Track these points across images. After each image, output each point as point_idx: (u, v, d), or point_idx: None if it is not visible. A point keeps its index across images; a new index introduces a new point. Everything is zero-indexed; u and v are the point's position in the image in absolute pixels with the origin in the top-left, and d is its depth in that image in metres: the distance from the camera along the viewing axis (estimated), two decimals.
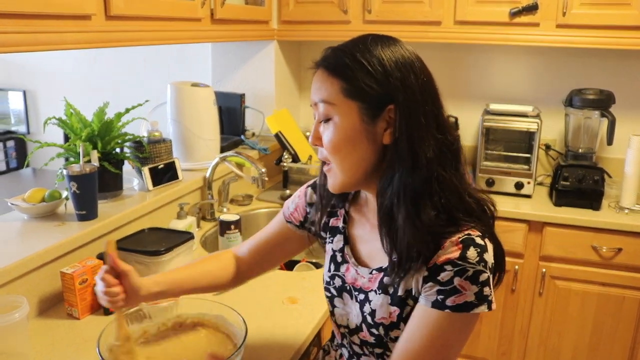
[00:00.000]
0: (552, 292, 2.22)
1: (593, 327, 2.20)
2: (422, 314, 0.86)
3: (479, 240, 0.85)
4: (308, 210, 1.11)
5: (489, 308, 0.84)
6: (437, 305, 0.84)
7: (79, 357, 1.19)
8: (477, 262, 0.83)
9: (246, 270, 1.19)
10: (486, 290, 0.83)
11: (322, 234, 1.09)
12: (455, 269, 0.83)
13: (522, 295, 2.26)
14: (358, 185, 0.94)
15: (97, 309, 1.38)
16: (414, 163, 0.85)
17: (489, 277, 0.84)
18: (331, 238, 1.06)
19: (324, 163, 0.95)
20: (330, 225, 1.07)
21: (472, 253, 0.83)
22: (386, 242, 0.89)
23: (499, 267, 0.89)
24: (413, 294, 0.89)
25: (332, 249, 1.06)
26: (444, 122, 0.89)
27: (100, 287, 0.96)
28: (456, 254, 0.83)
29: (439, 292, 0.84)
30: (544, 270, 2.19)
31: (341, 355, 1.10)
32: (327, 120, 0.90)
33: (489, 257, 0.85)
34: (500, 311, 2.31)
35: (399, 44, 0.89)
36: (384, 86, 0.85)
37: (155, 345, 1.09)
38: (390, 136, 0.87)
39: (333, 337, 1.15)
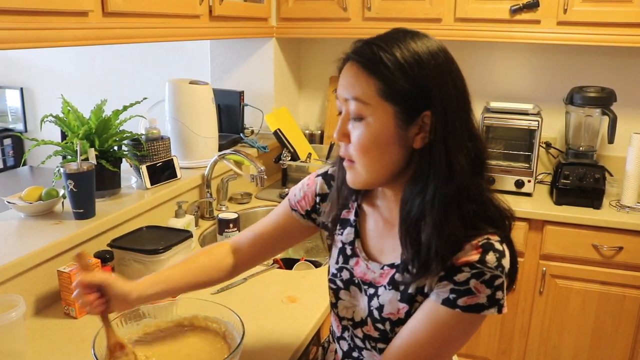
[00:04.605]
0: (553, 290, 2.21)
1: (593, 326, 2.19)
2: (431, 309, 0.87)
3: (498, 246, 0.85)
4: (317, 200, 1.09)
5: (499, 312, 0.84)
6: (448, 303, 0.85)
7: (76, 356, 1.18)
8: (495, 267, 0.83)
9: (245, 262, 1.16)
10: (499, 294, 0.84)
11: (329, 225, 1.07)
12: (473, 271, 0.83)
13: (523, 294, 2.26)
14: (380, 185, 0.93)
15: None
16: (449, 172, 0.83)
17: (503, 281, 0.84)
18: (341, 230, 1.05)
19: (343, 158, 0.92)
20: (341, 217, 1.06)
21: (491, 257, 0.83)
22: (409, 248, 0.87)
23: (511, 274, 0.89)
24: (425, 291, 0.89)
25: (342, 241, 1.04)
26: (475, 129, 0.88)
27: (75, 295, 0.95)
28: (475, 257, 0.83)
29: (452, 291, 0.84)
30: (544, 269, 2.19)
31: (336, 352, 1.10)
32: (358, 119, 0.86)
33: (506, 262, 0.85)
34: None
35: (437, 44, 0.86)
36: (422, 91, 0.82)
37: (153, 346, 1.08)
38: (422, 141, 0.84)
39: (332, 332, 1.14)
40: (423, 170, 0.85)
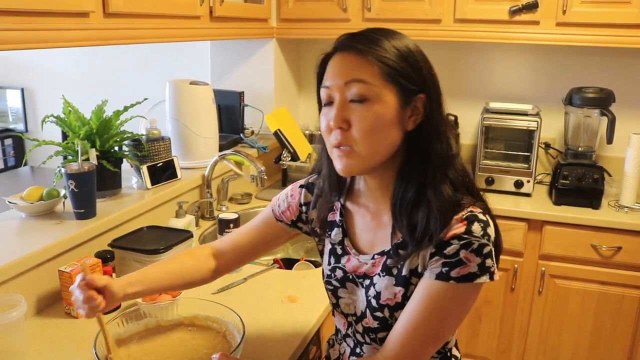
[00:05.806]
0: (552, 290, 2.21)
1: (592, 326, 2.20)
2: (426, 286, 0.90)
3: (481, 216, 0.89)
4: (303, 209, 1.12)
5: (491, 278, 0.88)
6: (442, 276, 0.88)
7: (77, 356, 1.19)
8: (482, 235, 0.87)
9: (226, 265, 1.18)
10: (488, 262, 0.87)
11: (319, 230, 1.10)
12: (462, 242, 0.86)
13: (522, 294, 2.26)
14: (372, 170, 0.93)
15: None
16: (442, 150, 0.90)
17: (491, 249, 0.88)
18: (329, 232, 1.08)
19: (338, 147, 0.90)
20: (328, 220, 1.08)
21: (476, 227, 0.87)
22: (405, 223, 0.91)
23: (497, 243, 0.92)
24: (419, 271, 0.92)
25: (331, 242, 1.07)
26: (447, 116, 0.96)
27: (78, 296, 0.94)
28: (462, 229, 0.87)
29: (444, 264, 0.88)
30: (543, 269, 2.19)
31: (343, 352, 1.11)
32: (361, 101, 0.87)
33: (492, 231, 0.89)
34: (500, 310, 2.31)
35: (413, 40, 0.93)
36: (418, 75, 0.89)
37: (151, 342, 1.08)
38: (413, 124, 0.90)
39: (337, 330, 1.15)
40: (416, 148, 0.91)
